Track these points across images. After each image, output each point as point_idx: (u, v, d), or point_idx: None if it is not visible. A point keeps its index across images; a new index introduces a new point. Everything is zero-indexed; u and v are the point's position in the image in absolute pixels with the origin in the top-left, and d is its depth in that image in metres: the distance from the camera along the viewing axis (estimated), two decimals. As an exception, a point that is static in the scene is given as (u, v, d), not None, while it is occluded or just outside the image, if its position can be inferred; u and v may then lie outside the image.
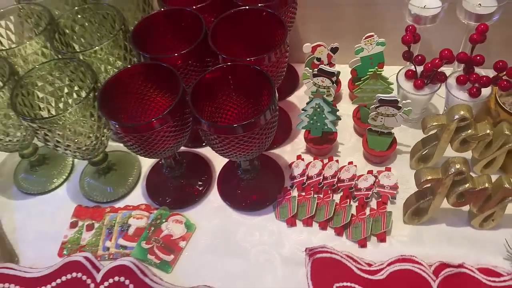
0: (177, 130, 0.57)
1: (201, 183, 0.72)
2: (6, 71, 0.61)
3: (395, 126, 0.66)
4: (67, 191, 0.74)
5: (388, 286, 0.58)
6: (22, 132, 0.66)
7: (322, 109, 0.65)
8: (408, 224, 0.64)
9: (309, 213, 0.65)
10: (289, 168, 0.72)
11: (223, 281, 0.62)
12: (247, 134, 0.54)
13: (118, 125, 0.55)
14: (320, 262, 0.60)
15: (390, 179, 0.67)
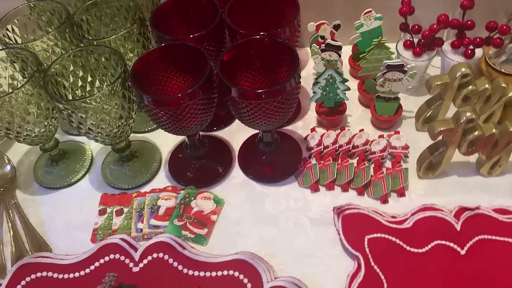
0: (206, 104, 0.60)
1: (223, 161, 0.75)
2: (32, 64, 0.62)
3: (401, 90, 0.71)
4: (90, 183, 0.76)
5: (416, 233, 0.62)
6: (41, 128, 0.67)
7: (335, 80, 0.70)
8: (423, 179, 0.69)
9: (331, 178, 0.69)
10: (304, 140, 0.76)
11: (259, 246, 0.64)
12: (275, 99, 0.57)
13: (151, 99, 0.57)
14: (349, 218, 0.64)
15: (400, 140, 0.72)
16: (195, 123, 0.62)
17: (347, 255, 0.63)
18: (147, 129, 0.81)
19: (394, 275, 0.59)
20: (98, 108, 0.59)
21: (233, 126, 0.81)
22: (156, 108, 0.58)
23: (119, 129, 0.63)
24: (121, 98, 0.60)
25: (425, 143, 0.72)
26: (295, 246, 0.64)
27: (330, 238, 0.64)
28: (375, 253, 0.61)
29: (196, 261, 0.63)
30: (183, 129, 0.62)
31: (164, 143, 0.80)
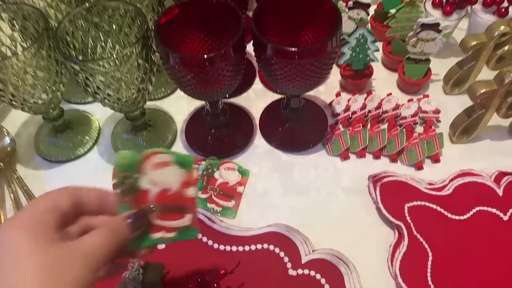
0: (236, 65, 0.55)
1: (244, 130, 0.70)
2: (40, 26, 0.55)
3: (433, 51, 0.67)
4: (100, 155, 0.69)
5: (456, 199, 0.59)
6: (48, 94, 0.60)
7: (366, 39, 0.65)
8: (456, 143, 0.66)
9: (362, 145, 0.65)
10: (329, 106, 0.72)
11: (291, 218, 0.61)
12: (316, 59, 0.52)
13: (178, 59, 0.52)
14: (387, 186, 0.61)
15: (431, 104, 0.69)
16: (223, 87, 0.57)
17: (385, 224, 0.60)
18: (158, 96, 0.75)
19: (438, 243, 0.56)
20: (119, 70, 0.52)
21: (250, 93, 0.76)
22: (183, 70, 0.53)
23: (139, 94, 0.57)
24: (143, 58, 0.54)
25: (454, 107, 0.70)
26: (329, 216, 0.61)
27: (365, 207, 0.61)
28: (417, 222, 0.58)
29: (227, 235, 0.59)
30: (209, 93, 0.57)
31: (176, 112, 0.74)
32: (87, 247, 0.35)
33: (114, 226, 0.37)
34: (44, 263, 0.32)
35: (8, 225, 0.34)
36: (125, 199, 0.40)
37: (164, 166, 0.41)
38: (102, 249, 0.35)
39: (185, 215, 0.41)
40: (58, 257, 0.33)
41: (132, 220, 0.38)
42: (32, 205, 0.36)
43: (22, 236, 0.33)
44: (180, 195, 0.41)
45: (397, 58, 0.73)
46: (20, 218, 0.35)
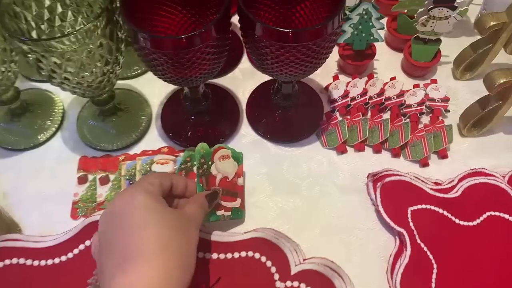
0: (219, 47, 0.46)
1: (229, 116, 0.62)
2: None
3: (446, 30, 0.59)
4: (64, 142, 0.61)
5: (466, 203, 0.53)
6: (0, 69, 0.51)
7: (370, 15, 0.57)
8: (467, 137, 0.59)
9: (362, 137, 0.58)
10: (325, 91, 0.64)
11: (280, 219, 0.54)
12: (314, 43, 0.44)
13: (149, 39, 0.43)
14: (388, 186, 0.54)
15: (439, 91, 0.61)
16: (204, 72, 0.48)
17: (385, 230, 0.53)
18: (130, 74, 0.66)
19: (444, 253, 0.50)
20: (78, 50, 0.43)
21: (236, 72, 0.67)
22: (155, 52, 0.44)
23: (104, 77, 0.48)
24: (108, 36, 0.45)
25: (464, 94, 0.63)
26: (322, 219, 0.54)
27: (363, 208, 0.55)
28: (421, 228, 0.51)
29: (207, 241, 0.51)
30: (187, 79, 0.48)
31: (152, 92, 0.65)
32: (191, 214, 0.45)
33: (202, 201, 0.47)
34: (170, 220, 0.41)
35: (135, 189, 0.42)
36: (201, 180, 0.51)
37: (226, 158, 0.52)
38: (198, 218, 0.45)
39: (237, 198, 0.52)
40: (177, 217, 0.42)
41: (210, 198, 0.49)
42: (147, 178, 0.44)
43: (148, 198, 0.41)
44: (234, 182, 0.52)
45: (402, 36, 0.65)
46: (143, 185, 0.43)
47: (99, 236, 0.42)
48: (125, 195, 0.42)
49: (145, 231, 0.39)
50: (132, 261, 0.37)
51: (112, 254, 0.39)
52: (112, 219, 0.41)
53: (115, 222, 0.40)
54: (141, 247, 0.38)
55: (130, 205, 0.41)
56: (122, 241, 0.39)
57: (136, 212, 0.40)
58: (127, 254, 0.38)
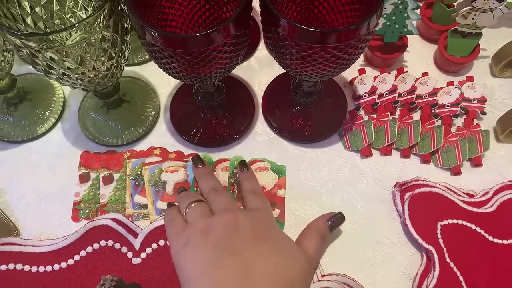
0: (237, 44, 0.41)
1: (243, 111, 0.56)
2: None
3: (489, 24, 0.53)
4: (64, 135, 0.56)
5: (501, 219, 0.48)
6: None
7: (406, 5, 0.50)
8: (504, 143, 0.54)
9: (389, 140, 0.53)
10: (349, 86, 0.58)
11: (297, 229, 0.49)
12: (342, 44, 0.38)
13: (159, 36, 0.37)
14: (417, 198, 0.49)
15: (475, 90, 0.56)
16: (219, 70, 0.43)
17: (412, 244, 0.49)
18: (137, 60, 0.60)
19: (475, 274, 0.46)
20: (78, 45, 0.38)
21: (252, 62, 0.61)
22: (165, 50, 0.38)
23: (107, 72, 0.43)
24: (111, 28, 0.40)
25: (503, 93, 0.57)
26: (344, 231, 0.50)
27: (388, 220, 0.50)
28: (451, 246, 0.47)
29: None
30: (200, 77, 0.43)
31: (160, 81, 0.60)
32: (311, 253, 0.44)
33: (323, 231, 0.46)
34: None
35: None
36: (232, 188, 0.51)
37: (263, 170, 0.53)
38: (318, 256, 0.46)
39: (275, 209, 0.51)
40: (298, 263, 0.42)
41: (332, 223, 0.47)
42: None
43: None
44: (273, 193, 0.51)
45: (438, 27, 0.59)
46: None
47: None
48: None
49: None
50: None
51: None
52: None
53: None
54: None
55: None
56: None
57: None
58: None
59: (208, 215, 0.42)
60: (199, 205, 0.43)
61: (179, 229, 0.42)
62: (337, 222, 0.47)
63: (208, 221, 0.41)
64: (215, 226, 0.41)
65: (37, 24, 0.44)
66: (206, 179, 0.48)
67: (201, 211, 0.43)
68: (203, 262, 0.39)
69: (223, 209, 0.43)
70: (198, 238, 0.40)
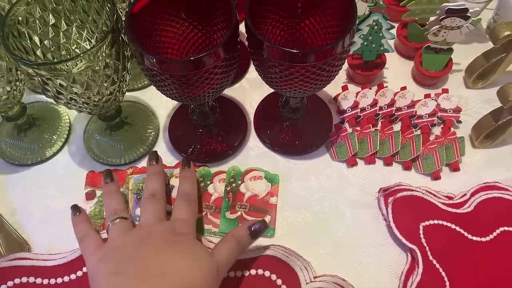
0: (227, 66, 0.45)
1: (236, 128, 0.61)
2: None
3: (458, 40, 0.58)
4: (71, 157, 0.61)
5: (479, 218, 0.52)
6: (2, 96, 0.51)
7: (380, 26, 0.55)
8: (479, 148, 0.58)
9: (372, 150, 0.57)
10: (334, 101, 0.63)
11: (289, 236, 0.53)
12: (320, 62, 0.43)
13: (156, 61, 0.42)
14: (400, 201, 0.53)
15: (451, 101, 0.60)
16: (211, 90, 0.47)
17: (397, 245, 0.53)
18: (137, 86, 0.65)
19: (457, 270, 0.49)
20: (84, 72, 0.43)
21: (244, 83, 0.66)
22: (163, 73, 0.43)
23: (110, 96, 0.48)
24: (113, 56, 0.44)
25: (476, 103, 0.62)
26: (333, 234, 0.54)
27: (374, 223, 0.54)
28: (433, 244, 0.51)
29: (217, 260, 0.51)
30: (195, 97, 0.48)
31: (159, 104, 0.64)
32: (220, 260, 0.45)
33: (240, 237, 0.47)
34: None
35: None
36: (228, 196, 0.55)
37: (257, 178, 0.57)
38: (229, 262, 0.46)
39: (266, 215, 0.55)
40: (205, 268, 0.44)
41: (253, 230, 0.47)
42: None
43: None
44: (266, 201, 0.55)
45: (413, 44, 0.64)
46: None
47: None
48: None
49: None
50: None
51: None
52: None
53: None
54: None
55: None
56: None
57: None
58: None
59: (127, 231, 0.46)
60: (120, 223, 0.47)
61: (95, 246, 0.46)
62: (259, 229, 0.47)
63: (124, 237, 0.45)
64: (128, 239, 0.45)
65: (46, 56, 0.49)
66: (153, 179, 0.51)
67: (121, 228, 0.47)
68: (107, 273, 0.42)
69: (143, 223, 0.47)
70: (110, 252, 0.44)
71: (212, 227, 0.54)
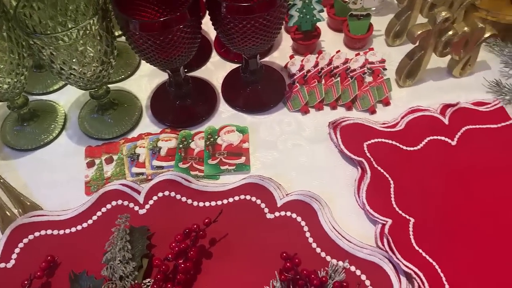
0: (194, 28, 0.58)
1: (208, 98, 0.73)
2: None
3: (373, 5, 0.73)
4: (69, 138, 0.71)
5: (409, 132, 0.65)
6: (13, 79, 0.61)
7: (311, 0, 0.70)
8: (403, 87, 0.73)
9: (319, 98, 0.70)
10: (285, 69, 0.76)
11: (263, 170, 0.65)
12: (264, 13, 0.56)
13: (137, 24, 0.54)
14: (346, 129, 0.66)
15: (376, 55, 0.75)
16: (183, 52, 0.60)
17: (349, 164, 0.65)
18: (119, 77, 0.77)
19: (397, 172, 0.62)
20: (81, 42, 0.55)
21: (209, 65, 0.79)
22: (143, 36, 0.55)
23: (103, 67, 0.59)
24: (105, 29, 0.56)
25: (397, 57, 0.76)
26: (297, 164, 0.65)
27: (329, 152, 0.66)
28: (376, 156, 0.63)
29: (205, 192, 0.62)
30: (170, 59, 0.60)
31: (139, 90, 0.76)
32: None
33: None
34: None
35: None
36: (208, 148, 0.67)
37: (230, 132, 0.68)
38: None
39: (241, 157, 0.65)
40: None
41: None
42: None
43: None
44: (239, 147, 0.67)
45: (341, 18, 0.79)
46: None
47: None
48: None
49: None
50: None
51: None
52: None
53: None
54: None
55: None
56: None
57: None
58: None
59: None
60: None
61: None
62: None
63: None
64: None
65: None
66: None
67: None
68: None
69: None
70: None
71: (198, 173, 0.65)
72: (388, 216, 0.58)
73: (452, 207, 0.59)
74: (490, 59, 0.75)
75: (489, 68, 0.74)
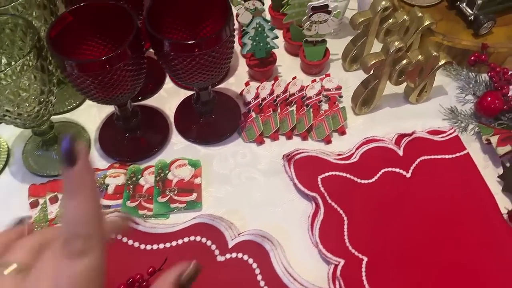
0: (136, 65, 0.56)
1: (159, 129, 0.70)
2: None
3: (328, 31, 0.72)
4: (12, 176, 0.67)
5: (363, 165, 0.64)
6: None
7: (263, 27, 0.68)
8: (360, 115, 0.71)
9: (274, 128, 0.69)
10: (240, 96, 0.74)
11: (215, 207, 0.62)
12: (212, 50, 0.54)
13: (75, 64, 0.51)
14: (300, 162, 0.64)
15: (332, 82, 0.73)
16: (127, 89, 0.57)
17: (303, 198, 0.63)
18: (66, 108, 0.74)
19: (351, 207, 0.60)
20: (15, 84, 0.51)
21: (162, 93, 0.76)
22: (81, 76, 0.52)
23: (41, 106, 0.56)
24: (40, 69, 0.53)
25: (354, 82, 0.75)
26: (251, 199, 0.63)
27: (283, 185, 0.64)
28: (330, 191, 0.62)
29: (153, 235, 0.59)
30: (113, 97, 0.57)
31: (87, 121, 0.73)
32: None
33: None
34: None
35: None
36: (158, 184, 0.64)
37: (182, 166, 0.66)
38: None
39: (192, 194, 0.63)
40: None
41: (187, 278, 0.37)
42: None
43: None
44: (191, 182, 0.65)
45: (297, 43, 0.77)
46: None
47: None
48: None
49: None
50: None
51: None
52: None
53: None
54: None
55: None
56: None
57: None
58: None
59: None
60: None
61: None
62: (192, 276, 0.38)
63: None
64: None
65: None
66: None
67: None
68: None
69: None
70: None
71: (147, 212, 0.62)
72: (341, 256, 0.56)
73: (406, 242, 0.58)
74: (447, 84, 0.75)
75: (446, 93, 0.74)
